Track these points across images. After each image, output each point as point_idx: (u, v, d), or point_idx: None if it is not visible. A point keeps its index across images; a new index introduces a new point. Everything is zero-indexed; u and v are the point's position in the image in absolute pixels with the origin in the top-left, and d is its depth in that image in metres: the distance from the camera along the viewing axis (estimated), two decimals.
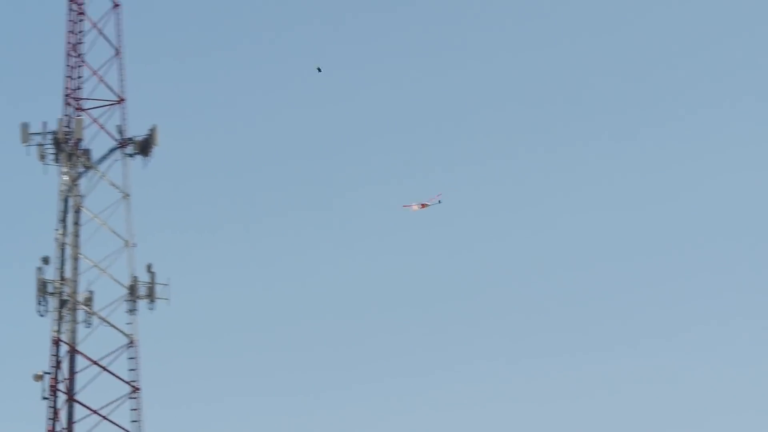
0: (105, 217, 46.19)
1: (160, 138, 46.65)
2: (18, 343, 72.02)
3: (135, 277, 45.03)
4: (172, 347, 71.16)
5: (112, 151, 46.69)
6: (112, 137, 47.03)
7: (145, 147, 45.95)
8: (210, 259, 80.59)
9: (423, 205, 58.41)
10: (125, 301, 45.04)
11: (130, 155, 46.36)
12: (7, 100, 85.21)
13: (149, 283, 45.08)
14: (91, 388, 45.12)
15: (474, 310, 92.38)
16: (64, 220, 45.62)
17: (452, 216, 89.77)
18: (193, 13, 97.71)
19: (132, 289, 44.71)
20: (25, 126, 45.34)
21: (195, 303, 70.27)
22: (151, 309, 45.59)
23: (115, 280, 45.89)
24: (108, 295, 45.63)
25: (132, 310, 44.84)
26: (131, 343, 44.39)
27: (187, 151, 75.30)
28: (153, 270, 45.56)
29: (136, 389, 43.84)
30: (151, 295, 44.83)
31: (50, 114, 48.31)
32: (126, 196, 46.42)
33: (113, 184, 46.73)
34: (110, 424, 44.13)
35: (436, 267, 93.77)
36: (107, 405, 44.30)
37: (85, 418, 44.31)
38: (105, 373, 44.71)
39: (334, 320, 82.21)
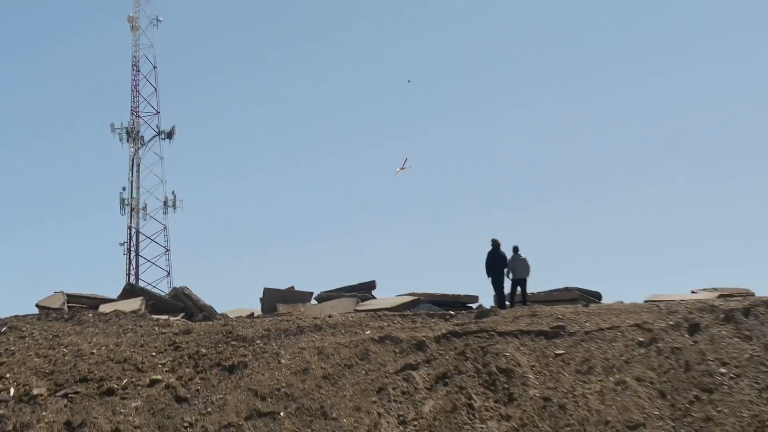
0: (151, 169, 69.14)
1: (177, 130, 69.14)
2: (111, 228, 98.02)
3: (166, 196, 68.45)
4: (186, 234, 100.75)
5: (153, 137, 69.19)
6: (154, 129, 69.01)
7: (170, 134, 68.80)
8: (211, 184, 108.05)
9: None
10: (162, 208, 68.59)
11: (163, 139, 68.88)
12: (100, 109, 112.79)
13: (173, 199, 68.44)
14: (147, 249, 68.58)
15: None
16: (132, 170, 68.37)
17: None
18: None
19: (165, 202, 68.41)
20: (112, 124, 68.57)
21: (200, 211, 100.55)
22: (174, 212, 68.23)
23: (157, 198, 68.50)
24: (154, 204, 69.22)
25: (165, 212, 68.61)
26: (165, 228, 68.21)
27: (196, 138, 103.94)
28: (174, 193, 68.38)
29: (168, 250, 67.67)
30: (174, 205, 68.36)
31: (124, 117, 73.78)
32: (161, 158, 68.89)
33: (155, 153, 69.01)
34: (156, 267, 66.99)
35: None
36: (154, 257, 67.59)
37: (143, 264, 67.23)
38: (153, 243, 67.96)
39: None
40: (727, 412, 23.22)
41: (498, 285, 31.50)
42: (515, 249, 31.76)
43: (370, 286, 37.45)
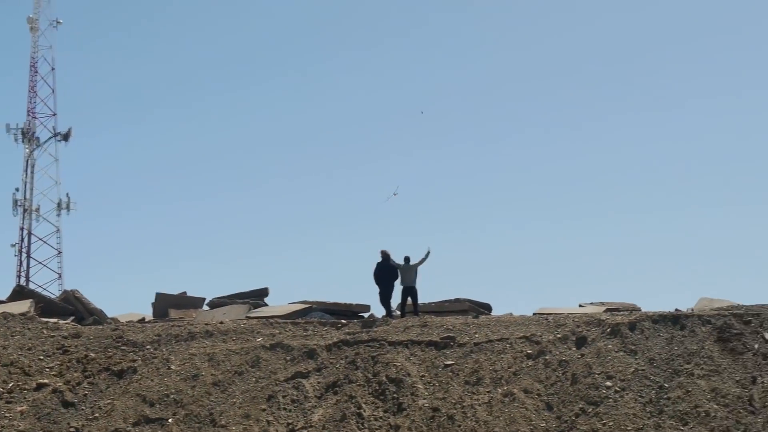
0: (46, 170, 68.26)
1: (74, 132, 68.54)
2: (2, 229, 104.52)
3: (60, 198, 67.31)
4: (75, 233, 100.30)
5: (49, 138, 68.30)
6: (50, 131, 68.12)
7: (66, 136, 67.83)
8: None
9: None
10: (55, 210, 67.52)
11: (59, 140, 67.90)
12: None
13: (67, 201, 67.35)
14: (39, 251, 67.15)
15: None
16: (26, 171, 67.34)
17: None
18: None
19: (59, 204, 67.37)
20: (8, 124, 67.51)
21: (94, 214, 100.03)
22: (67, 214, 67.38)
23: (50, 200, 67.43)
24: (47, 206, 67.81)
25: (58, 214, 67.38)
26: (58, 230, 67.18)
27: (92, 141, 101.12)
28: (69, 195, 67.26)
29: (60, 253, 66.66)
30: (67, 208, 67.31)
31: (20, 118, 70.93)
32: (56, 160, 67.98)
33: (51, 154, 68.10)
34: (48, 269, 65.70)
35: None
36: (46, 259, 66.56)
37: (35, 266, 66.14)
38: (45, 245, 66.80)
39: None
40: (611, 425, 23.34)
41: (386, 297, 31.30)
42: (406, 259, 31.65)
43: (263, 293, 37.21)
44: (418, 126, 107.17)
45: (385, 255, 31.17)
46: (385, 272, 31.12)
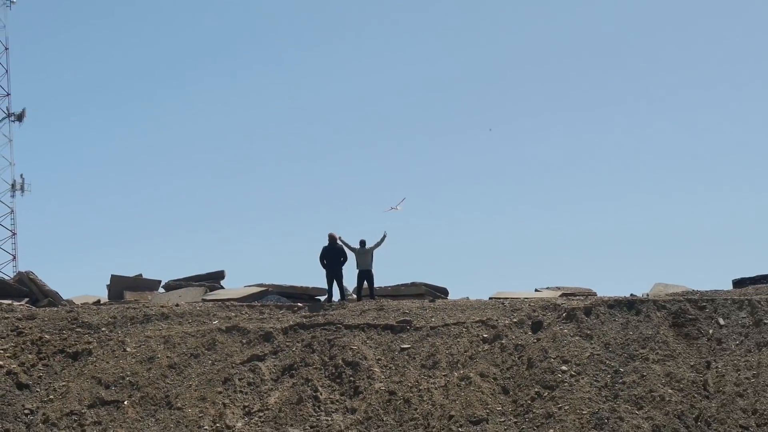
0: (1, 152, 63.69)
1: (28, 112, 64.15)
2: None
3: (14, 179, 62.92)
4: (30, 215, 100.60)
5: (3, 119, 64.19)
6: (3, 111, 63.61)
7: (20, 117, 63.80)
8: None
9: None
10: (9, 191, 63.21)
11: (13, 121, 64.09)
12: None
13: (21, 182, 62.76)
14: None
15: None
16: None
17: None
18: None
19: (13, 185, 63.03)
20: None
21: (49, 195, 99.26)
22: (22, 195, 63.13)
23: (5, 181, 63.40)
24: (1, 187, 62.99)
25: (12, 195, 63.06)
26: (12, 212, 62.69)
27: (47, 121, 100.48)
28: (23, 176, 63.23)
29: (14, 234, 62.32)
30: (22, 189, 62.74)
31: None
32: (10, 141, 64.28)
33: (4, 135, 64.07)
34: (2, 250, 62.93)
35: None
36: (0, 241, 63.88)
37: None
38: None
39: None
40: (567, 408, 23.28)
41: (330, 279, 31.08)
42: (362, 243, 31.42)
43: (219, 276, 36.90)
44: (384, 115, 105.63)
45: (331, 238, 30.95)
46: (330, 255, 30.86)
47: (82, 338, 27.24)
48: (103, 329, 27.69)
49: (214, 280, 36.41)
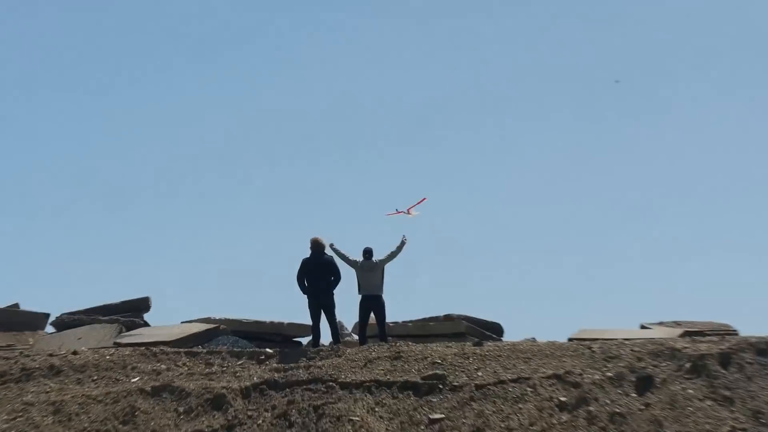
0: None
1: None
2: None
3: None
4: None
5: None
6: None
7: None
8: None
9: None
10: None
11: None
12: None
13: None
14: None
15: None
16: None
17: None
18: None
19: None
20: None
21: None
22: None
23: None
24: None
25: None
26: None
27: None
28: None
29: None
30: None
31: None
32: None
33: None
34: None
35: None
36: None
37: None
38: None
39: None
40: None
41: (316, 312, 30.97)
42: (367, 253, 31.29)
43: (141, 306, 36.85)
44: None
45: (315, 244, 30.81)
46: (313, 272, 30.72)
47: None
48: None
49: (133, 312, 36.33)
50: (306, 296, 30.88)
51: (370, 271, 31.42)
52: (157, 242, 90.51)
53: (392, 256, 31.39)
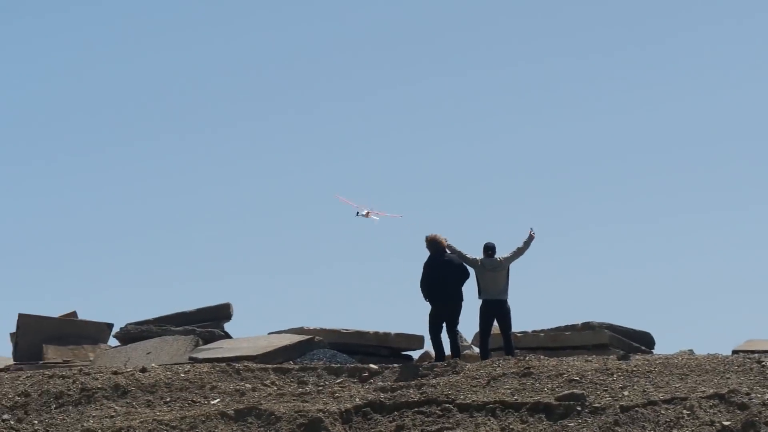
0: None
1: None
2: None
3: None
4: None
5: None
6: None
7: None
8: None
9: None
10: None
11: None
12: None
13: None
14: None
15: None
16: None
17: None
18: None
19: None
20: None
21: None
22: None
23: None
24: None
25: None
26: None
27: None
28: None
29: None
30: None
31: None
32: None
33: None
34: None
35: None
36: None
37: None
38: None
39: None
40: None
41: (436, 323, 31.09)
42: (489, 249, 31.29)
43: (221, 314, 37.05)
44: None
45: (435, 243, 30.91)
46: (439, 274, 30.83)
47: None
48: (5, 416, 28.04)
49: (211, 322, 36.55)
50: (430, 303, 30.98)
51: (494, 270, 31.45)
52: (239, 241, 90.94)
53: (519, 253, 31.46)
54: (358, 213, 35.73)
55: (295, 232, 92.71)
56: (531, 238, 31.29)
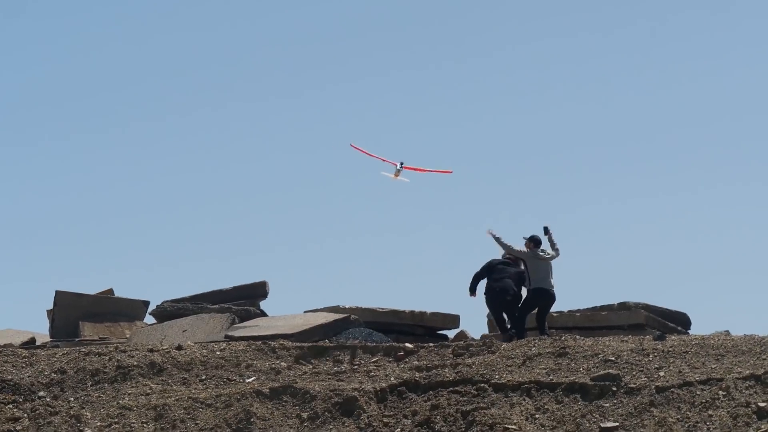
0: None
1: None
2: None
3: None
4: None
5: None
6: None
7: None
8: None
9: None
10: None
11: None
12: None
13: None
14: None
15: None
16: None
17: None
18: None
19: None
20: None
21: None
22: None
23: None
24: None
25: None
26: None
27: None
28: None
29: None
30: None
31: None
32: None
33: None
34: None
35: None
36: None
37: None
38: None
39: None
40: None
41: (499, 306, 31.25)
42: (534, 241, 31.48)
43: (257, 292, 37.05)
44: None
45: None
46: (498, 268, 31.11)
47: (3, 410, 27.58)
48: (42, 393, 28.01)
49: (247, 300, 36.54)
50: (490, 302, 32.07)
51: (542, 260, 31.65)
52: (276, 218, 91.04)
53: (557, 252, 31.68)
54: (397, 167, 35.67)
55: (333, 209, 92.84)
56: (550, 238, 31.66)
